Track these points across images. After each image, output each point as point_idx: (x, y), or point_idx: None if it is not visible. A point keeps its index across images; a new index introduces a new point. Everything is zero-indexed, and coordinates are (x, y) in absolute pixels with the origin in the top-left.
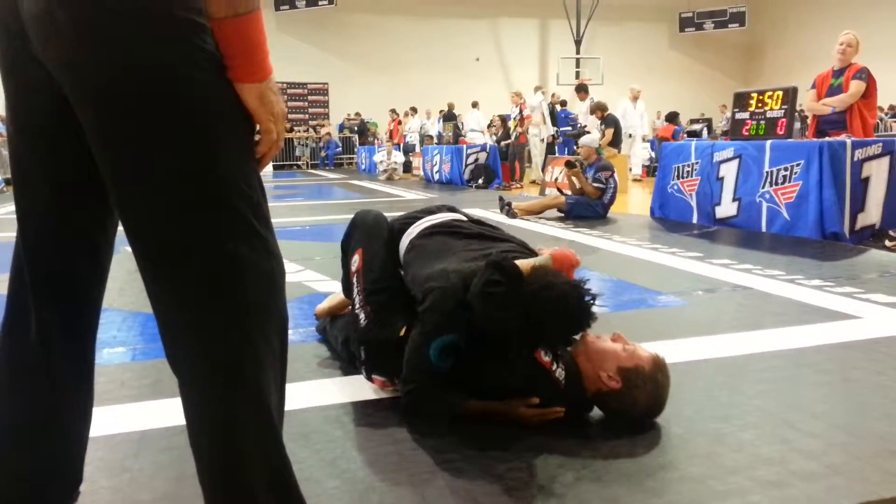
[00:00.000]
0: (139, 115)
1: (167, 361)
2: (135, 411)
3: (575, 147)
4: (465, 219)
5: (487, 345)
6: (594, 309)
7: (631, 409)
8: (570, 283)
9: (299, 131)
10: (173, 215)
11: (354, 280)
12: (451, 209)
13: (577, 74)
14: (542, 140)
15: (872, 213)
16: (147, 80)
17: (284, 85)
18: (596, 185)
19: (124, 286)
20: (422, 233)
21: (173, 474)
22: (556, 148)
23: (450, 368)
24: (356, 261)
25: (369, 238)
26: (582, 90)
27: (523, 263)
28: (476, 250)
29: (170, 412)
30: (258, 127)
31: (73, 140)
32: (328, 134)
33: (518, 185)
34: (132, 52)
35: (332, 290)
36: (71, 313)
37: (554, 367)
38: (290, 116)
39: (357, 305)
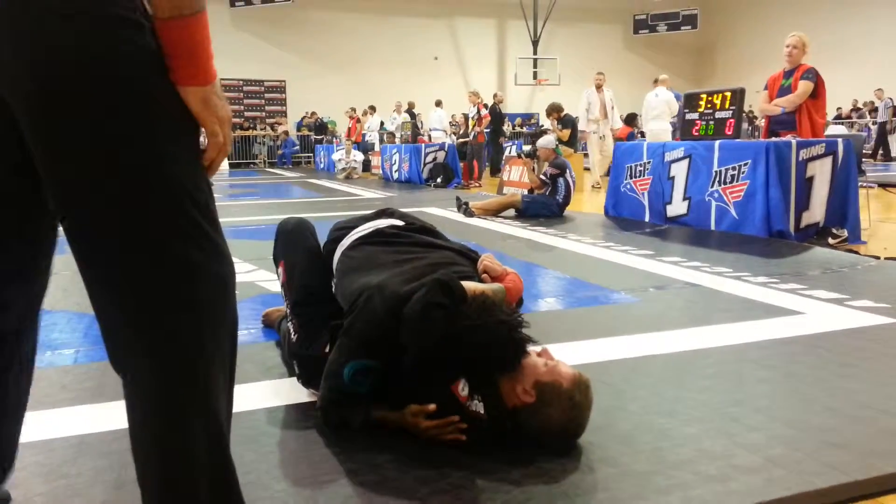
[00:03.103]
0: (80, 114)
1: (110, 362)
2: (74, 415)
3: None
4: (401, 224)
5: (404, 367)
6: (527, 346)
7: (545, 428)
8: (505, 322)
9: (256, 129)
10: (116, 215)
11: (283, 292)
12: (391, 214)
13: (535, 74)
14: (602, 137)
15: (816, 212)
16: (88, 79)
17: (240, 82)
18: (541, 177)
19: (69, 286)
20: (352, 244)
21: (112, 480)
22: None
23: (367, 390)
24: (280, 273)
25: (289, 248)
26: (554, 111)
27: (470, 287)
28: (406, 261)
29: (110, 416)
30: (203, 131)
31: (13, 144)
32: (285, 132)
33: (477, 185)
34: (72, 50)
35: None
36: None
37: (469, 402)
38: (246, 114)
39: (287, 318)
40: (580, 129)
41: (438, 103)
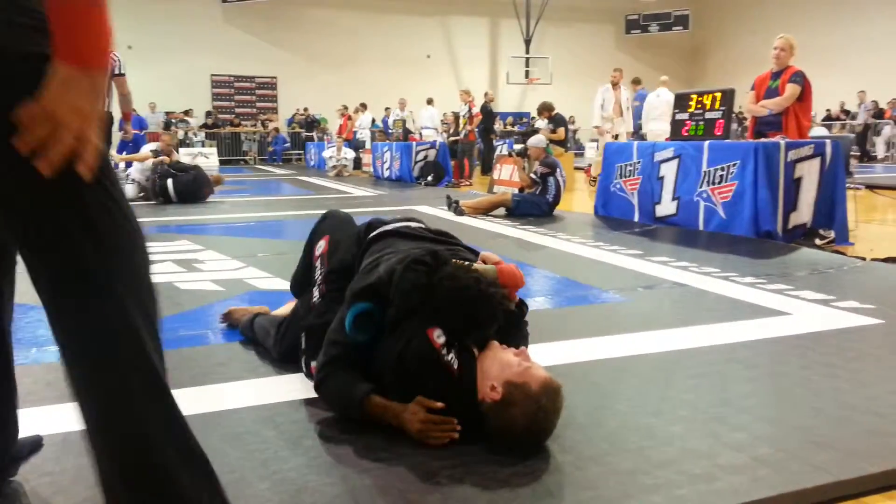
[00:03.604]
0: None
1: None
2: (58, 412)
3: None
4: (423, 226)
5: (388, 321)
6: (498, 312)
7: (506, 428)
8: (478, 279)
9: (247, 126)
10: (24, 188)
11: (318, 263)
12: (415, 220)
13: (527, 73)
14: (615, 137)
15: (804, 213)
16: None
17: (231, 78)
18: (532, 176)
19: None
20: (375, 237)
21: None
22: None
23: (365, 344)
24: (322, 245)
25: (338, 228)
26: (545, 110)
27: (460, 262)
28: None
29: None
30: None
31: None
32: (276, 129)
33: (468, 183)
34: None
35: (274, 287)
36: None
37: (444, 351)
38: (236, 110)
39: (315, 284)
40: (593, 125)
41: (430, 101)
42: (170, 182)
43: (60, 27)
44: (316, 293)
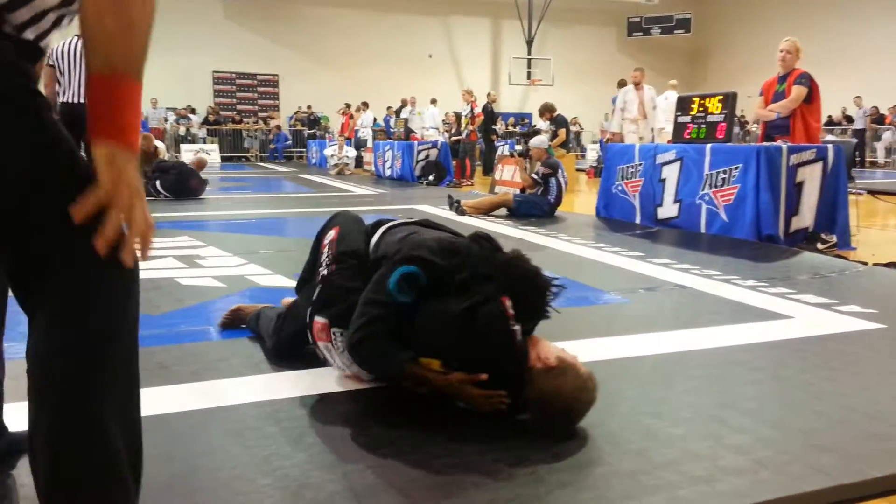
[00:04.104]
0: None
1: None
2: None
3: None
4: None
5: (455, 285)
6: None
7: (555, 393)
8: (545, 277)
9: (248, 123)
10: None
11: (326, 249)
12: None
13: (529, 74)
14: (641, 139)
15: (806, 217)
16: None
17: (233, 75)
18: (533, 177)
19: None
20: (394, 224)
21: None
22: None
23: (406, 307)
24: (331, 234)
25: (348, 223)
26: (547, 111)
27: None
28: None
29: None
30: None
31: None
32: (277, 126)
33: (469, 183)
34: None
35: (275, 284)
36: None
37: (513, 322)
38: (238, 108)
39: (325, 259)
40: (613, 130)
41: (433, 101)
42: (157, 183)
43: (108, 107)
44: (325, 272)
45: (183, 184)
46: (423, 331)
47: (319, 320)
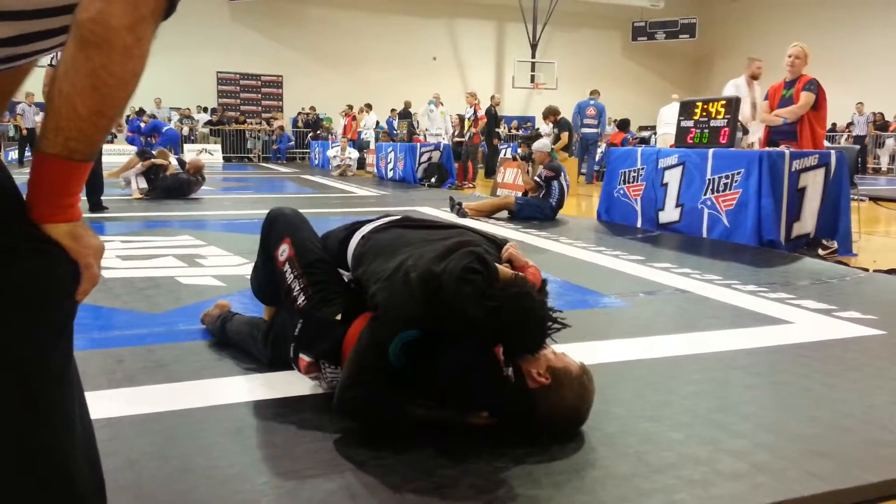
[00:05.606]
0: None
1: None
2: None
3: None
4: (425, 219)
5: (443, 339)
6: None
7: (559, 408)
8: (544, 303)
9: (252, 123)
10: None
11: (287, 269)
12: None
13: (533, 78)
14: (751, 146)
15: (807, 223)
16: None
17: (237, 75)
18: (536, 179)
19: None
20: (376, 228)
21: None
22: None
23: (409, 365)
24: (285, 250)
25: (293, 228)
26: (550, 114)
27: (501, 269)
28: (438, 240)
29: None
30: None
31: None
32: (280, 127)
33: (471, 185)
34: None
35: None
36: None
37: (504, 365)
38: (241, 108)
39: (293, 283)
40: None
41: (440, 103)
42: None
43: (60, 192)
44: (297, 286)
45: (181, 191)
46: (410, 384)
47: (305, 358)
